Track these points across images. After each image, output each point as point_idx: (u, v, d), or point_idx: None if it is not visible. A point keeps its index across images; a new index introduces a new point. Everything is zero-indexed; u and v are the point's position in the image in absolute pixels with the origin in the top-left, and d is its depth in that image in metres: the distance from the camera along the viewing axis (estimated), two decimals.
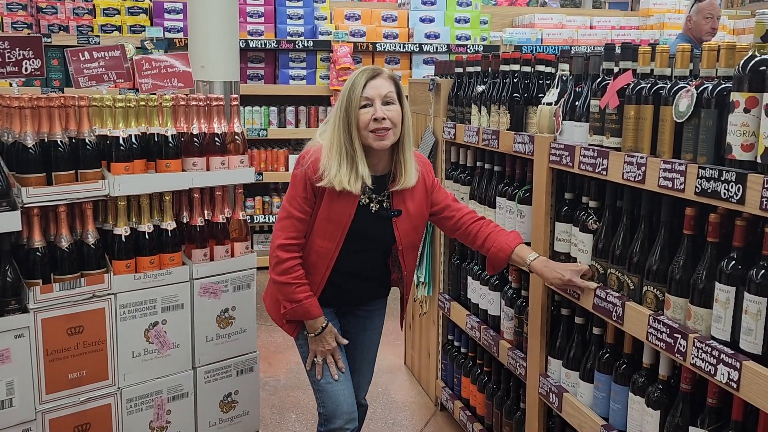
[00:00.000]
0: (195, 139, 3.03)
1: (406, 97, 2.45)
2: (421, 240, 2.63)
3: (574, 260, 2.38)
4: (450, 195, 2.62)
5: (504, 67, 2.92)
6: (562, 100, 2.45)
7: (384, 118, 2.33)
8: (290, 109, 6.33)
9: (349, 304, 2.62)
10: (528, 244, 2.64)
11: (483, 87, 3.08)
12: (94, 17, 6.11)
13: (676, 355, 1.86)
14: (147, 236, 2.90)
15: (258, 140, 6.33)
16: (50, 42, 5.82)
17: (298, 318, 2.47)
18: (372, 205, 2.43)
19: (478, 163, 3.16)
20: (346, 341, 2.54)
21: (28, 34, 5.97)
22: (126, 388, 2.92)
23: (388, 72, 2.41)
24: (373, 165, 2.42)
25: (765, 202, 1.57)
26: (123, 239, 2.85)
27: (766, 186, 1.57)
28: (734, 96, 1.67)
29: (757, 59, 1.64)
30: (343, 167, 2.33)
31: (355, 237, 2.42)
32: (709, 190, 1.73)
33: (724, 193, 1.68)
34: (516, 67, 2.87)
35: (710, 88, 1.78)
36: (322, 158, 2.37)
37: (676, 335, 1.86)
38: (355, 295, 2.59)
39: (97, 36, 6.01)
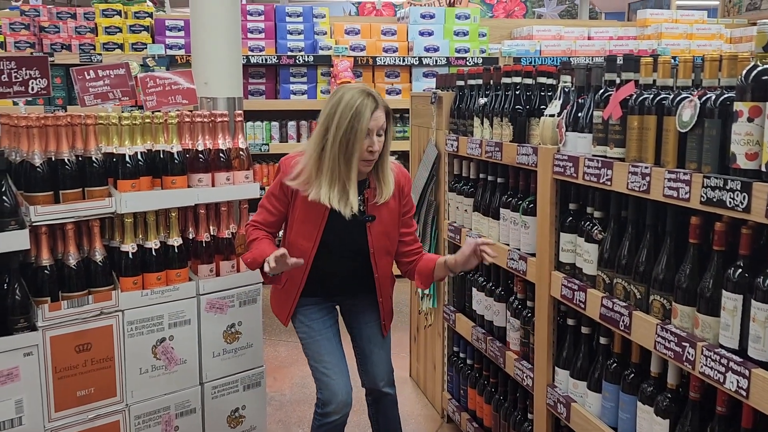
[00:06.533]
0: (200, 155, 3.06)
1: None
2: (394, 247, 2.77)
3: (580, 270, 2.40)
4: (414, 226, 2.83)
5: (506, 80, 2.94)
6: (565, 111, 2.47)
7: (376, 150, 2.54)
8: (291, 124, 6.37)
9: (336, 295, 2.82)
10: (533, 255, 2.69)
11: (485, 99, 3.11)
12: (96, 36, 6.15)
13: (685, 363, 1.87)
14: (154, 252, 2.91)
15: (260, 155, 6.36)
16: (53, 61, 5.84)
17: (258, 256, 2.61)
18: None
19: (481, 175, 3.18)
20: (299, 260, 2.56)
21: (31, 53, 6.01)
22: (134, 404, 2.92)
23: (382, 101, 2.58)
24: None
25: None
26: (130, 256, 2.86)
27: None
28: (737, 105, 1.69)
29: (759, 69, 1.66)
30: (334, 190, 2.54)
31: (330, 239, 2.63)
32: (714, 199, 1.75)
33: (730, 202, 1.70)
34: (518, 80, 2.89)
35: (713, 98, 1.80)
36: (305, 170, 2.58)
37: (684, 344, 1.87)
38: (336, 290, 2.77)
39: (100, 54, 6.04)
